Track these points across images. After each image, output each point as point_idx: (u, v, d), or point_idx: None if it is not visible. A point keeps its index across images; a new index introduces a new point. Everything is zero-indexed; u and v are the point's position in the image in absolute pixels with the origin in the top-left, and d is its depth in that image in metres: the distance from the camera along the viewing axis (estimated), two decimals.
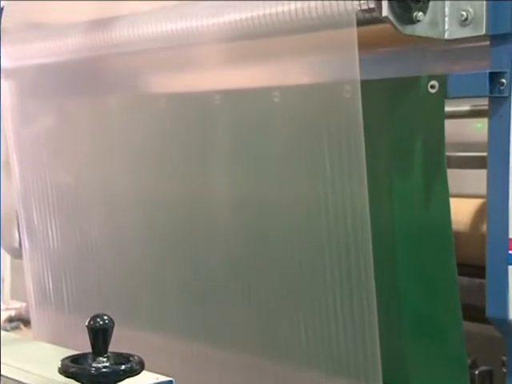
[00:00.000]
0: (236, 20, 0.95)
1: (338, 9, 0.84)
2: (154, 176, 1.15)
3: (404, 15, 0.81)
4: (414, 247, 0.91)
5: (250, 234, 1.02)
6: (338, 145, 0.89)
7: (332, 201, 0.90)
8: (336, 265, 0.89)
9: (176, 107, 1.12)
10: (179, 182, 1.12)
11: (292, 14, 0.88)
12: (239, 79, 1.05)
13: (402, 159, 0.90)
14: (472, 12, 0.81)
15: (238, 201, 1.04)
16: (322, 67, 0.94)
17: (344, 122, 0.88)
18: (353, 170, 0.87)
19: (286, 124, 0.97)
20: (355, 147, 0.86)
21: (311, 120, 0.93)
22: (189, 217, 1.10)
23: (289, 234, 0.97)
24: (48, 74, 1.27)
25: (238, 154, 1.04)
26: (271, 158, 0.99)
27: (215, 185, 1.07)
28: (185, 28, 1.01)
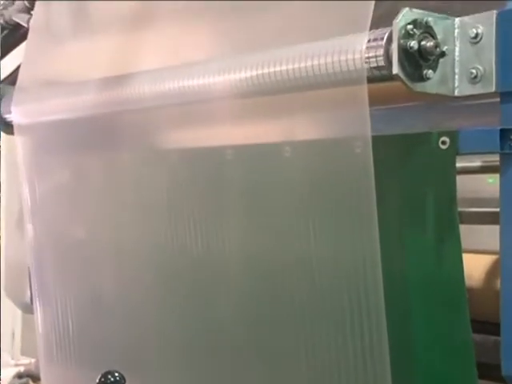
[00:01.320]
0: (247, 77, 0.96)
1: (348, 66, 0.85)
2: (165, 231, 1.16)
3: (414, 73, 0.81)
4: (428, 304, 0.90)
5: (262, 289, 1.01)
6: (349, 200, 0.89)
7: (343, 257, 0.89)
8: (348, 323, 0.89)
9: (188, 162, 1.12)
10: (191, 237, 1.12)
11: (303, 72, 0.89)
12: (251, 134, 1.06)
13: (413, 215, 0.90)
14: (481, 70, 0.81)
15: (248, 256, 1.04)
16: (333, 123, 0.95)
17: (355, 177, 0.88)
18: (364, 226, 0.87)
19: (297, 179, 0.98)
20: (366, 203, 0.86)
21: (322, 175, 0.93)
22: (200, 272, 1.10)
23: (299, 290, 0.96)
24: (62, 130, 1.29)
25: (249, 208, 1.04)
26: (282, 213, 0.99)
27: (227, 239, 1.07)
28: (196, 85, 1.03)
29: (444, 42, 0.82)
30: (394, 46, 0.80)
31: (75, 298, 1.29)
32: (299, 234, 0.97)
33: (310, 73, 0.88)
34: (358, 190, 0.87)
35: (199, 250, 1.10)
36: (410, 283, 0.91)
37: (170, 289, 1.15)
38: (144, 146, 1.21)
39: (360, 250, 0.88)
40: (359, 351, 0.87)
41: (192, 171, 1.12)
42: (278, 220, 0.99)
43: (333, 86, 0.88)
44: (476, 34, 0.81)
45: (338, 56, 0.85)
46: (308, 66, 0.88)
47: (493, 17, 0.80)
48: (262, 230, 1.02)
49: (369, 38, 0.82)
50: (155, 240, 1.17)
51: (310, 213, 0.95)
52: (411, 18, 0.81)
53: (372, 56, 0.82)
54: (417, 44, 0.80)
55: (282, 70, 0.91)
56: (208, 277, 1.09)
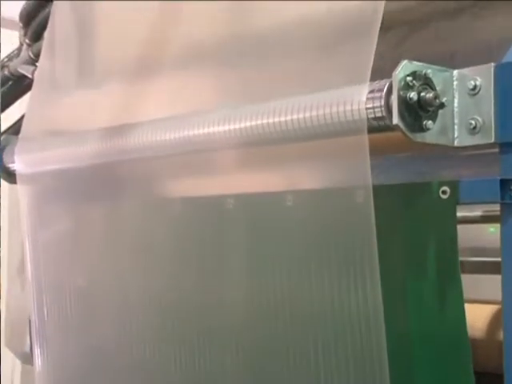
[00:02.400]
0: (249, 127, 0.97)
1: (349, 117, 0.86)
2: (167, 279, 1.15)
3: (414, 123, 0.82)
4: (430, 354, 0.89)
5: (264, 337, 1.01)
6: (351, 250, 0.89)
7: (345, 307, 0.89)
8: (352, 372, 0.88)
9: (190, 211, 1.13)
10: (193, 286, 1.11)
11: (304, 122, 0.90)
12: (252, 184, 1.07)
13: (415, 264, 0.90)
14: (480, 121, 0.82)
15: (250, 305, 1.03)
16: (334, 172, 0.95)
17: (357, 226, 0.88)
18: (366, 276, 0.86)
19: (298, 228, 0.98)
20: (368, 252, 0.86)
21: (324, 224, 0.93)
22: (202, 319, 1.09)
23: (301, 338, 0.95)
24: (64, 179, 1.29)
25: (251, 257, 1.04)
26: (283, 263, 0.99)
27: (229, 288, 1.06)
28: (197, 135, 1.04)
29: (443, 94, 0.83)
30: (393, 97, 0.81)
31: (76, 348, 1.28)
32: (300, 284, 0.96)
33: (311, 123, 0.89)
34: (360, 240, 0.87)
35: (201, 298, 1.10)
36: (412, 333, 0.90)
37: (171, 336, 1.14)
38: (145, 195, 1.22)
39: (362, 300, 0.88)
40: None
41: (193, 220, 1.12)
42: (280, 269, 0.99)
43: (334, 136, 0.89)
44: (474, 86, 0.82)
45: (338, 107, 0.86)
46: (309, 116, 0.89)
47: (491, 69, 0.81)
48: (264, 279, 1.01)
49: (369, 89, 0.83)
50: (157, 289, 1.16)
51: (311, 262, 0.95)
52: (410, 69, 0.82)
53: (372, 107, 0.83)
54: (416, 95, 0.81)
55: (284, 121, 0.92)
56: (211, 325, 1.08)
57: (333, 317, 0.90)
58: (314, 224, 0.95)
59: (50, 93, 1.38)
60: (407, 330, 0.90)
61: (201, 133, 1.03)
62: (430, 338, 0.89)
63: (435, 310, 0.88)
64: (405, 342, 0.90)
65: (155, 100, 1.19)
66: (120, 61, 1.26)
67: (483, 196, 0.82)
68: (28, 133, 1.36)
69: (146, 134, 1.11)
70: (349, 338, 0.89)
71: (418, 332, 0.90)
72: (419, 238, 0.90)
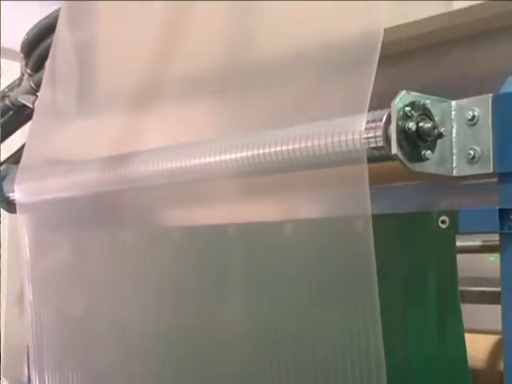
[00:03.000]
0: (249, 156, 0.97)
1: (348, 147, 0.86)
2: (167, 309, 1.15)
3: (413, 153, 0.82)
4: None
5: (263, 363, 1.00)
6: (350, 279, 0.89)
7: (344, 336, 0.89)
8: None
9: (189, 240, 1.12)
10: (193, 315, 1.11)
11: (304, 152, 0.90)
12: (252, 213, 1.07)
13: (415, 294, 0.90)
14: (479, 151, 0.82)
15: (250, 333, 1.03)
16: (333, 202, 0.95)
17: (356, 256, 0.88)
18: (366, 306, 0.86)
19: (298, 257, 0.98)
20: (368, 282, 0.86)
21: (323, 253, 0.93)
22: (202, 348, 1.09)
23: (300, 368, 0.95)
24: (64, 208, 1.29)
25: (250, 286, 1.04)
26: (283, 292, 0.98)
27: (229, 316, 1.06)
28: (197, 164, 1.04)
29: (441, 124, 0.83)
30: (392, 127, 0.81)
31: (74, 378, 1.28)
32: (300, 313, 0.96)
33: (310, 153, 0.89)
34: (360, 269, 0.87)
35: (200, 325, 1.09)
36: (413, 363, 0.90)
37: (171, 365, 1.13)
38: (145, 224, 1.22)
39: (362, 329, 0.87)
40: None
41: (193, 249, 1.12)
42: (280, 298, 0.99)
43: (333, 166, 0.89)
44: (473, 117, 0.83)
45: (338, 136, 0.86)
46: (308, 146, 0.89)
47: (488, 100, 0.81)
48: (264, 308, 1.01)
49: (368, 119, 0.83)
50: (157, 318, 1.16)
51: (311, 291, 0.95)
52: (409, 100, 0.82)
53: (371, 137, 0.83)
54: (415, 125, 0.82)
55: (283, 150, 0.93)
56: (210, 350, 1.08)
57: (332, 346, 0.90)
58: (314, 253, 0.95)
59: (51, 122, 1.39)
60: (407, 360, 0.90)
61: (200, 162, 1.04)
62: (430, 368, 0.89)
63: (435, 340, 0.88)
64: (405, 372, 0.90)
65: (155, 130, 1.20)
66: (120, 91, 1.26)
67: (482, 226, 0.82)
68: (28, 162, 1.36)
69: (145, 163, 1.12)
70: (349, 368, 0.88)
71: (418, 362, 0.89)
72: (419, 268, 0.90)
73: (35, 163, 1.35)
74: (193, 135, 1.11)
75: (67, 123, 1.35)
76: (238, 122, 1.07)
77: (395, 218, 0.93)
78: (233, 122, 1.08)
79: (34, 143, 1.38)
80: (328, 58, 0.95)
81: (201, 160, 1.03)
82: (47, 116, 1.39)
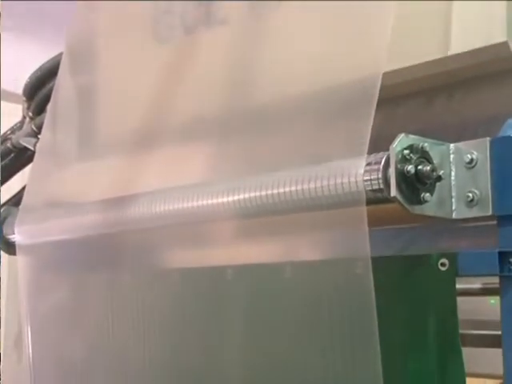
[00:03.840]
0: (247, 198, 0.97)
1: (347, 189, 0.86)
2: (167, 350, 1.14)
3: (412, 196, 0.83)
4: None
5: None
6: (350, 322, 0.88)
7: (344, 380, 0.88)
8: None
9: (189, 282, 1.12)
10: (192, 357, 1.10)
11: (303, 194, 0.91)
12: (251, 254, 1.07)
13: (415, 338, 0.89)
14: (478, 193, 0.83)
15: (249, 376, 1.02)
16: (333, 244, 0.95)
17: (356, 298, 0.87)
18: (366, 348, 0.86)
19: (297, 299, 0.97)
20: (367, 324, 0.85)
21: (323, 295, 0.93)
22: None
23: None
24: (64, 250, 1.29)
25: (250, 328, 1.03)
26: (282, 334, 0.98)
27: (228, 358, 1.05)
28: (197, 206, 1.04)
29: (440, 167, 0.84)
30: (391, 170, 0.82)
31: None
32: (300, 355, 0.95)
33: (309, 195, 0.90)
34: (359, 311, 0.87)
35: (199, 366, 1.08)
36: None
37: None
38: (145, 265, 1.22)
39: (361, 373, 0.87)
40: None
41: (192, 291, 1.11)
42: (279, 340, 0.98)
43: (333, 208, 0.89)
44: (471, 160, 0.83)
45: (337, 179, 0.86)
46: (308, 188, 0.90)
47: (486, 143, 0.82)
48: (263, 350, 1.01)
49: (367, 162, 0.84)
50: (157, 360, 1.15)
51: (310, 333, 0.94)
52: (407, 143, 0.83)
53: (370, 179, 0.83)
54: (414, 168, 0.82)
55: (283, 192, 0.93)
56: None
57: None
58: (313, 295, 0.95)
59: (52, 164, 1.39)
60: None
61: (200, 204, 1.04)
62: None
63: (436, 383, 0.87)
64: None
65: (155, 172, 1.20)
66: (120, 133, 1.27)
67: (482, 269, 0.82)
68: (29, 204, 1.36)
69: (145, 205, 1.12)
70: None
71: None
72: (419, 310, 0.89)
73: (35, 205, 1.36)
74: (192, 178, 1.12)
75: (68, 165, 1.36)
76: (238, 164, 1.07)
77: (395, 260, 0.93)
78: (232, 165, 1.09)
79: (35, 185, 1.39)
80: (327, 101, 0.96)
81: (200, 202, 1.04)
82: (48, 158, 1.40)
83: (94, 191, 1.26)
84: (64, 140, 1.36)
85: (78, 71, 1.36)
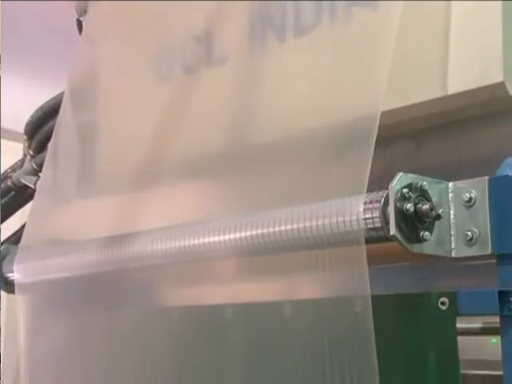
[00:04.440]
0: (247, 236, 0.97)
1: (347, 227, 0.86)
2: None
3: (411, 234, 0.83)
4: None
5: None
6: (349, 360, 0.87)
7: None
8: None
9: (188, 320, 1.12)
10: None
11: (302, 232, 0.91)
12: (251, 293, 1.07)
13: (415, 377, 0.88)
14: (477, 232, 0.82)
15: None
16: (332, 282, 0.95)
17: (355, 336, 0.87)
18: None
19: (297, 338, 0.97)
20: (367, 362, 0.85)
21: (323, 334, 0.93)
22: None
23: None
24: (63, 288, 1.29)
25: (249, 367, 1.02)
26: (282, 372, 0.97)
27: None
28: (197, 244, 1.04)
29: (439, 205, 0.84)
30: (390, 208, 0.82)
31: None
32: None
33: (309, 233, 0.90)
34: (359, 350, 0.86)
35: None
36: None
37: None
38: (144, 304, 1.21)
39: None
40: None
41: (192, 329, 1.11)
42: (279, 379, 0.98)
43: (332, 246, 0.89)
44: (470, 198, 0.83)
45: (336, 217, 0.87)
46: (307, 226, 0.90)
47: (485, 182, 0.82)
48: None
49: (366, 201, 0.84)
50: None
51: (310, 372, 0.94)
52: (406, 181, 0.83)
53: (369, 217, 0.84)
54: (413, 207, 0.82)
55: (281, 231, 0.93)
56: None
57: None
58: (313, 334, 0.94)
59: (52, 202, 1.40)
60: None
61: (199, 242, 1.04)
62: None
63: None
64: None
65: (155, 210, 1.20)
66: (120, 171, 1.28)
67: (482, 308, 0.82)
68: (28, 242, 1.36)
69: (145, 243, 1.12)
70: None
71: None
72: (419, 350, 0.89)
73: (35, 243, 1.36)
74: (192, 215, 1.12)
75: (68, 203, 1.36)
76: (237, 202, 1.08)
77: (394, 299, 0.93)
78: (232, 203, 1.09)
79: (35, 223, 1.39)
80: (326, 140, 0.97)
81: (199, 240, 1.04)
82: (48, 196, 1.40)
83: (94, 229, 1.26)
84: (64, 178, 1.37)
85: (79, 109, 1.37)
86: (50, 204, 1.39)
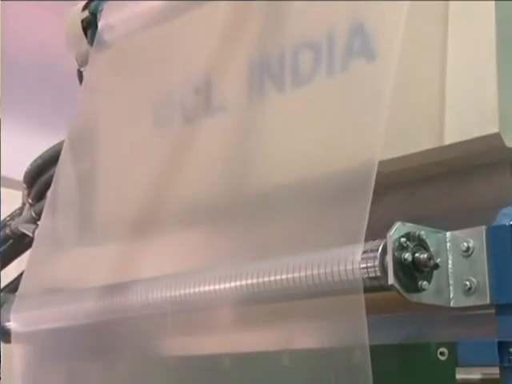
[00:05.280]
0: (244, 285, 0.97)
1: (344, 276, 0.86)
2: None
3: (409, 284, 0.82)
4: None
5: None
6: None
7: None
8: None
9: (186, 370, 1.11)
10: None
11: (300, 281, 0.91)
12: (248, 342, 1.06)
13: None
14: (475, 282, 0.82)
15: None
16: (330, 332, 0.95)
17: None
18: None
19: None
20: None
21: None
22: None
23: None
24: (60, 338, 1.28)
25: None
26: None
27: None
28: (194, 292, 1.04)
29: (437, 255, 0.84)
30: (388, 257, 0.82)
31: None
32: None
33: (306, 282, 0.90)
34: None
35: None
36: None
37: None
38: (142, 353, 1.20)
39: None
40: None
41: (189, 379, 1.10)
42: None
43: (330, 295, 0.89)
44: (467, 248, 0.83)
45: (334, 266, 0.86)
46: (305, 275, 0.90)
47: (482, 231, 0.82)
48: None
49: (364, 250, 0.84)
50: None
51: None
52: (404, 231, 0.83)
53: (367, 266, 0.84)
54: (411, 256, 0.82)
55: (280, 279, 0.93)
56: None
57: None
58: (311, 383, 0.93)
59: (50, 250, 1.39)
60: None
61: (198, 291, 1.03)
62: None
63: None
64: None
65: (153, 258, 1.20)
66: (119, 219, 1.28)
67: (482, 359, 0.81)
68: (26, 291, 1.35)
69: (143, 292, 1.11)
70: None
71: None
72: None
73: (33, 292, 1.35)
74: (190, 264, 1.12)
75: (67, 252, 1.36)
76: (237, 250, 1.08)
77: (393, 349, 0.92)
78: (230, 252, 1.09)
79: (33, 271, 1.38)
80: (324, 188, 0.97)
81: (199, 288, 1.03)
82: (47, 244, 1.40)
83: (92, 277, 1.26)
84: (63, 226, 1.37)
85: (79, 158, 1.38)
86: (48, 252, 1.39)
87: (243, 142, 1.12)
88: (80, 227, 1.35)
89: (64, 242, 1.38)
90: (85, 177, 1.34)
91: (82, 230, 1.35)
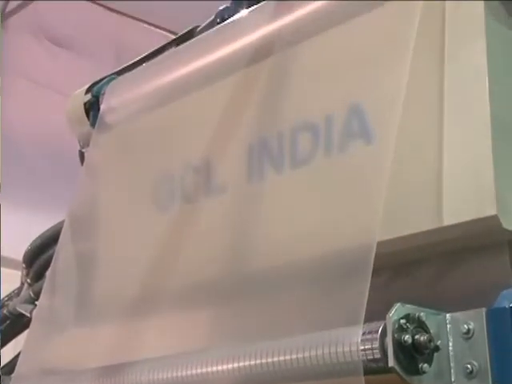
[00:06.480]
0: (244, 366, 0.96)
1: (344, 358, 0.85)
2: None
3: (410, 366, 0.81)
4: None
5: None
6: None
7: None
8: None
9: None
10: None
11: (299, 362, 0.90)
12: None
13: None
14: (476, 365, 0.81)
15: None
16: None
17: None
18: None
19: None
20: None
21: None
22: None
23: None
24: None
25: None
26: None
27: None
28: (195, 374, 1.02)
29: (437, 337, 0.83)
30: (388, 339, 0.81)
31: None
32: None
33: (306, 364, 0.89)
34: None
35: None
36: None
37: None
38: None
39: None
40: None
41: None
42: None
43: (330, 377, 0.88)
44: (468, 330, 0.83)
45: (332, 347, 0.86)
46: (304, 356, 0.89)
47: (482, 314, 0.82)
48: None
49: (364, 331, 0.84)
50: None
51: None
52: (403, 312, 0.83)
53: (367, 348, 0.83)
54: (411, 338, 0.81)
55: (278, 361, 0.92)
56: None
57: None
58: None
59: (48, 331, 1.38)
60: None
61: (197, 372, 1.02)
62: None
63: None
64: None
65: (152, 339, 1.19)
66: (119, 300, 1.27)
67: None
68: (23, 371, 1.34)
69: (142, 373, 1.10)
70: None
71: None
72: None
73: (30, 373, 1.33)
74: (190, 344, 1.11)
75: (65, 332, 1.35)
76: (235, 331, 1.07)
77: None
78: (230, 332, 1.08)
79: (30, 352, 1.37)
80: (323, 269, 0.97)
81: (197, 370, 1.02)
82: (45, 324, 1.39)
83: (90, 358, 1.24)
84: (61, 306, 1.36)
85: (78, 238, 1.38)
86: (46, 333, 1.38)
87: (243, 222, 1.13)
88: (79, 307, 1.34)
89: (62, 322, 1.37)
90: (84, 257, 1.35)
91: (81, 310, 1.34)
